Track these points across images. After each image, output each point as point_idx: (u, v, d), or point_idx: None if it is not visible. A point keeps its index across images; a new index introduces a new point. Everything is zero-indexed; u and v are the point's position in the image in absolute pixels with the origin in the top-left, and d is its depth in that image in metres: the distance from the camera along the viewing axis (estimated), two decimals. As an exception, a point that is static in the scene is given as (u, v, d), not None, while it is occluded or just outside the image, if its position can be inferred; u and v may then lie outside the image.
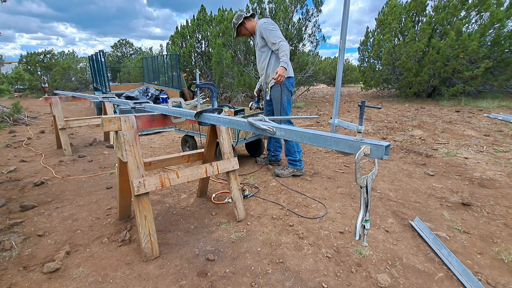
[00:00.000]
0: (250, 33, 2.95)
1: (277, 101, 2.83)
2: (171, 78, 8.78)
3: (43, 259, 1.70)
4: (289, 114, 2.93)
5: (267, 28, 2.71)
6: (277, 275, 1.55)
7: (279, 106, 2.83)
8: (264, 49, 2.83)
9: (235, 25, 2.88)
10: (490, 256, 1.69)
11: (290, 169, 2.98)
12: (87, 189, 2.79)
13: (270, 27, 2.71)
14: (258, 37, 2.83)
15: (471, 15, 8.49)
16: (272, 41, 2.67)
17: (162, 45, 43.32)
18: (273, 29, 2.71)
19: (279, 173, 2.98)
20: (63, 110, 4.03)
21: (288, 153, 2.96)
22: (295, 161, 2.95)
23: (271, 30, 2.69)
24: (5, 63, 21.68)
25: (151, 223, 1.68)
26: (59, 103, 3.98)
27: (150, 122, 1.84)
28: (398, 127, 5.37)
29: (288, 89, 2.83)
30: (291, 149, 2.92)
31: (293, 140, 1.13)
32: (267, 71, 2.87)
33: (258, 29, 2.81)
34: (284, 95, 2.81)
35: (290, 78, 2.81)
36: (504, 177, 2.85)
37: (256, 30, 2.86)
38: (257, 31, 2.83)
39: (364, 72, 11.74)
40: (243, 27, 2.88)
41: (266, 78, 2.93)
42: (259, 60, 2.95)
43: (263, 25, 2.74)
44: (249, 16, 2.89)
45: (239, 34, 2.95)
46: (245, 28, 2.89)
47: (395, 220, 2.10)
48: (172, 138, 5.04)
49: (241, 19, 2.85)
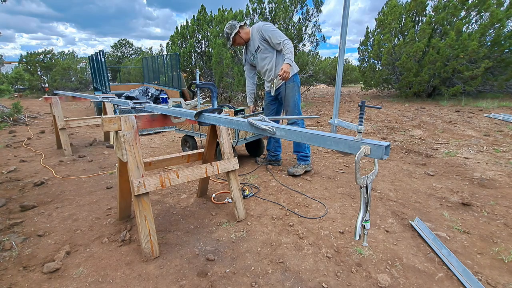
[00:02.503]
0: (244, 42, 2.92)
1: (289, 97, 2.84)
2: (171, 78, 8.78)
3: (43, 259, 1.70)
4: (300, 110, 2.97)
5: (268, 29, 2.72)
6: (277, 275, 1.55)
7: (293, 103, 2.85)
8: (268, 51, 2.83)
9: (229, 35, 2.82)
10: (490, 256, 1.69)
11: (302, 165, 3.00)
12: (87, 189, 2.79)
13: (271, 28, 2.74)
14: (258, 41, 2.81)
15: (471, 15, 8.49)
16: (277, 41, 2.69)
17: (162, 45, 43.36)
18: (274, 29, 2.74)
19: (293, 171, 2.97)
20: (63, 110, 4.03)
21: (299, 149, 2.97)
22: (307, 157, 3.00)
23: (273, 31, 2.72)
24: (5, 63, 21.67)
25: (151, 223, 1.68)
26: (59, 103, 3.98)
27: (150, 122, 1.84)
28: (398, 127, 5.37)
29: (298, 85, 2.90)
30: (301, 144, 2.93)
31: (293, 140, 1.13)
32: (275, 72, 2.86)
33: (257, 33, 2.80)
34: (296, 92, 2.86)
35: (296, 74, 2.87)
36: (504, 177, 2.85)
37: (253, 35, 2.85)
38: (256, 35, 2.81)
39: (364, 72, 11.73)
40: (238, 36, 2.84)
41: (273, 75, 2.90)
42: (262, 64, 2.92)
43: (263, 28, 2.75)
44: (242, 24, 2.89)
45: (233, 43, 2.90)
46: (239, 37, 2.85)
47: (395, 220, 2.10)
48: (172, 138, 5.04)
49: (237, 29, 2.81)
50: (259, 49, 2.85)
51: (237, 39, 2.86)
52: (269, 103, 3.09)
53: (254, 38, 2.85)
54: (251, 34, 2.88)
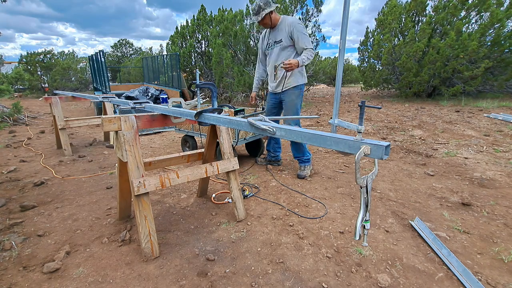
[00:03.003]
0: (269, 26, 2.73)
1: (292, 104, 2.82)
2: (171, 78, 8.78)
3: (43, 259, 1.70)
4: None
5: (300, 30, 2.61)
6: (277, 275, 1.55)
7: (293, 109, 2.82)
8: (287, 50, 2.71)
9: (261, 9, 2.59)
10: (490, 256, 1.69)
11: (308, 167, 3.02)
12: (87, 189, 2.79)
13: (303, 31, 2.63)
14: (285, 34, 2.66)
15: (471, 15, 8.49)
16: (303, 46, 2.61)
17: (162, 45, 43.39)
18: (306, 33, 2.64)
19: (304, 175, 2.97)
20: (63, 110, 4.03)
21: (299, 154, 2.98)
22: (309, 159, 3.02)
23: (304, 34, 2.62)
24: (5, 63, 21.67)
25: (151, 223, 1.68)
26: (59, 103, 3.98)
27: (150, 122, 1.84)
28: (398, 127, 5.37)
29: (302, 95, 2.88)
30: (303, 148, 2.96)
31: (293, 140, 1.13)
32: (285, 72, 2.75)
33: (287, 26, 2.65)
34: (300, 101, 2.85)
35: (303, 85, 2.84)
36: (504, 177, 2.85)
37: (281, 25, 2.69)
38: (284, 28, 2.66)
39: (364, 72, 11.73)
40: (268, 16, 2.64)
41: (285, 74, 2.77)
42: (276, 58, 2.78)
43: (296, 25, 2.61)
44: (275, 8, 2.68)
45: (261, 20, 2.66)
46: (270, 18, 2.65)
47: (395, 220, 2.10)
48: (172, 138, 5.04)
49: (272, 8, 2.61)
50: (281, 42, 2.70)
51: (266, 18, 2.66)
52: (271, 107, 3.04)
53: (281, 29, 2.69)
54: (279, 23, 2.70)
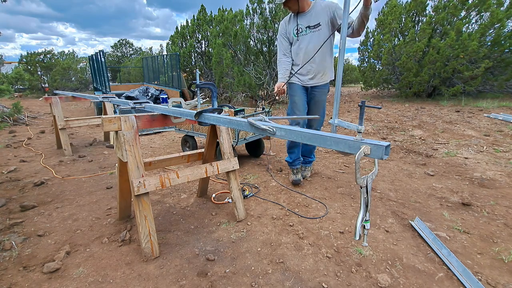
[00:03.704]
0: (296, 10, 2.42)
1: (323, 103, 2.72)
2: (171, 78, 8.78)
3: (43, 259, 1.70)
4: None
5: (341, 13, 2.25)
6: (277, 275, 1.55)
7: (324, 109, 2.74)
8: (327, 33, 2.37)
9: None
10: (490, 256, 1.69)
11: (309, 168, 3.05)
12: (87, 189, 2.79)
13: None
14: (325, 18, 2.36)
15: (471, 15, 8.49)
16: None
17: (162, 45, 43.37)
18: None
19: (305, 175, 2.99)
20: (63, 110, 4.03)
21: (309, 155, 2.99)
22: (312, 162, 3.06)
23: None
24: (5, 63, 21.66)
25: (151, 223, 1.68)
26: (59, 103, 3.98)
27: (150, 122, 1.84)
28: (398, 127, 5.37)
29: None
30: (313, 150, 3.00)
31: (293, 140, 1.13)
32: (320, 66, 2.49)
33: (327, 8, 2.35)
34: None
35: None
36: (504, 177, 2.85)
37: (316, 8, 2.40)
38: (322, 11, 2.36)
39: (364, 72, 11.73)
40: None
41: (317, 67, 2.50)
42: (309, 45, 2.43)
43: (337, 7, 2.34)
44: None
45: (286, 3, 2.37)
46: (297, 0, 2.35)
47: (395, 220, 2.10)
48: (172, 138, 5.04)
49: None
50: (319, 26, 2.38)
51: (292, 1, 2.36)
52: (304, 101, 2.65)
53: (317, 13, 2.38)
54: (310, 8, 2.42)
